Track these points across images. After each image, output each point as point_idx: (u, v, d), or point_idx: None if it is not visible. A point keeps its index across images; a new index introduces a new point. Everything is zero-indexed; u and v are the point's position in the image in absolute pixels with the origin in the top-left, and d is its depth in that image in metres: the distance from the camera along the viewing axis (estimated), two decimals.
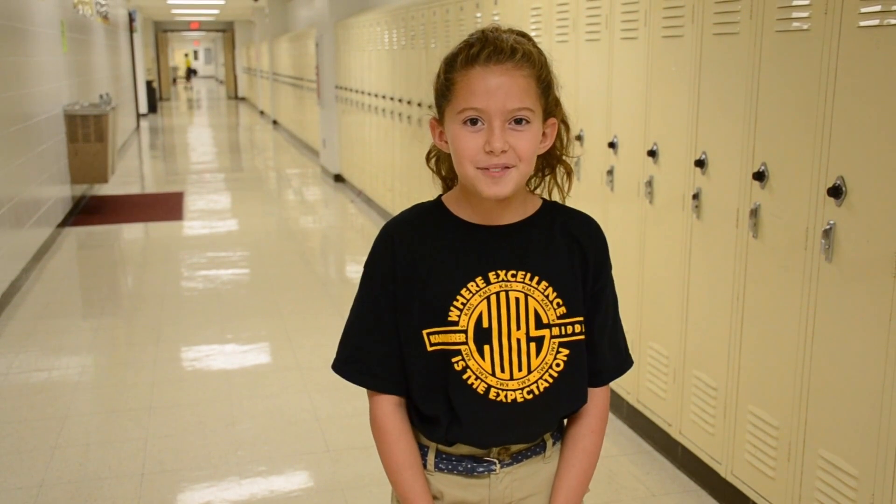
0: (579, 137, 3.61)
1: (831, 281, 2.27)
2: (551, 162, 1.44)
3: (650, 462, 3.22)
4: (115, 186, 9.75)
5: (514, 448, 1.42)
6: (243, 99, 27.24)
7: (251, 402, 3.81)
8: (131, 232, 7.73)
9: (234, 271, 6.18)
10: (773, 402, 2.54)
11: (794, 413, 2.44)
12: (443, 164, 1.46)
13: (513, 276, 1.36)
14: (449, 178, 1.46)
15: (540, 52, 1.33)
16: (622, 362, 1.48)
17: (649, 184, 3.15)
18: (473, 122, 1.29)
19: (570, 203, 1.44)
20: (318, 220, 8.45)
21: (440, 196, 1.44)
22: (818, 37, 2.25)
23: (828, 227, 2.25)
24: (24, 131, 6.16)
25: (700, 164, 2.82)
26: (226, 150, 14.68)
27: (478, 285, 1.35)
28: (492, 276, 1.36)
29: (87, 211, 8.38)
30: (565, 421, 1.49)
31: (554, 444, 1.46)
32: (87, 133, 7.97)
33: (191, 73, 45.60)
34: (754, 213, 2.55)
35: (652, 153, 3.10)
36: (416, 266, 1.37)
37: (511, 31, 1.33)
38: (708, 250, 2.83)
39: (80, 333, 4.82)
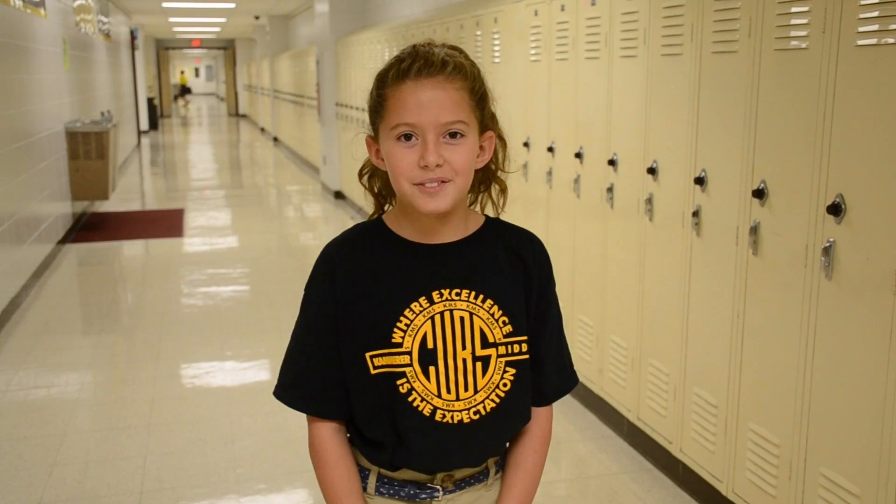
0: (579, 155, 3.62)
1: (831, 298, 2.27)
2: (487, 177, 1.42)
3: (651, 480, 3.21)
4: (115, 203, 9.76)
5: (459, 475, 1.39)
6: (244, 116, 27.32)
7: (251, 420, 3.80)
8: (132, 249, 7.73)
9: (235, 288, 6.18)
10: (774, 420, 2.53)
11: (794, 431, 2.44)
12: (377, 180, 1.43)
13: (457, 294, 1.33)
14: (382, 196, 1.43)
15: (472, 65, 1.31)
16: (567, 381, 1.46)
17: (649, 201, 3.15)
18: (407, 137, 1.27)
19: (569, 220, 1.44)
20: (318, 236, 8.45)
21: (380, 215, 1.41)
22: (817, 55, 2.26)
23: (827, 244, 2.25)
24: (26, 148, 6.18)
25: (700, 181, 2.82)
26: (226, 166, 14.71)
27: (421, 305, 1.32)
28: (435, 295, 1.33)
29: (87, 228, 8.39)
30: (507, 444, 1.46)
31: (497, 472, 1.44)
32: (88, 150, 7.99)
33: (184, 91, 41.98)
34: (754, 230, 2.56)
35: (652, 171, 3.11)
36: (358, 287, 1.34)
37: (444, 45, 1.31)
38: (708, 267, 2.83)
39: (79, 350, 4.81)
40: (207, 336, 5.01)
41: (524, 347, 1.36)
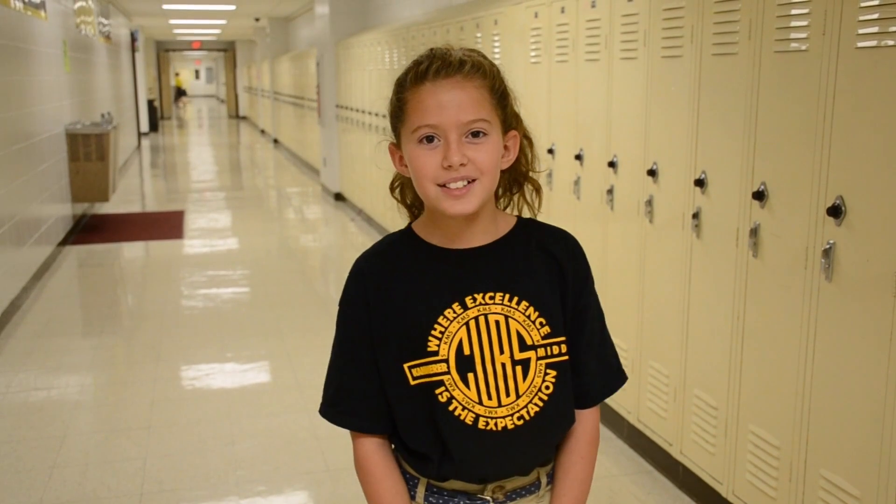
0: (579, 157, 3.62)
1: (831, 300, 2.27)
2: (518, 179, 1.40)
3: (651, 482, 3.21)
4: (115, 205, 9.76)
5: (510, 486, 1.36)
6: (244, 118, 27.33)
7: (251, 422, 3.80)
8: (132, 250, 7.73)
9: (235, 290, 6.18)
10: (774, 422, 2.53)
11: (795, 432, 2.44)
12: (407, 191, 1.41)
13: (490, 298, 1.31)
14: (414, 207, 1.42)
15: (491, 64, 1.30)
16: (613, 379, 1.42)
17: (649, 203, 3.15)
18: (430, 139, 1.25)
19: (570, 222, 1.43)
20: (318, 238, 8.45)
21: (410, 224, 1.39)
22: (816, 57, 2.26)
23: (827, 246, 2.25)
24: (26, 150, 6.18)
25: (700, 183, 2.82)
26: (226, 168, 14.71)
27: (455, 311, 1.30)
28: (469, 300, 1.30)
29: (87, 229, 8.39)
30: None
31: (548, 483, 1.41)
32: (88, 152, 7.99)
33: (180, 93, 39.93)
34: (754, 232, 2.56)
35: (652, 172, 3.11)
36: (390, 298, 1.32)
37: (462, 49, 1.30)
38: (708, 269, 2.83)
39: (79, 352, 4.81)
40: (207, 338, 5.01)
41: (563, 349, 1.33)
